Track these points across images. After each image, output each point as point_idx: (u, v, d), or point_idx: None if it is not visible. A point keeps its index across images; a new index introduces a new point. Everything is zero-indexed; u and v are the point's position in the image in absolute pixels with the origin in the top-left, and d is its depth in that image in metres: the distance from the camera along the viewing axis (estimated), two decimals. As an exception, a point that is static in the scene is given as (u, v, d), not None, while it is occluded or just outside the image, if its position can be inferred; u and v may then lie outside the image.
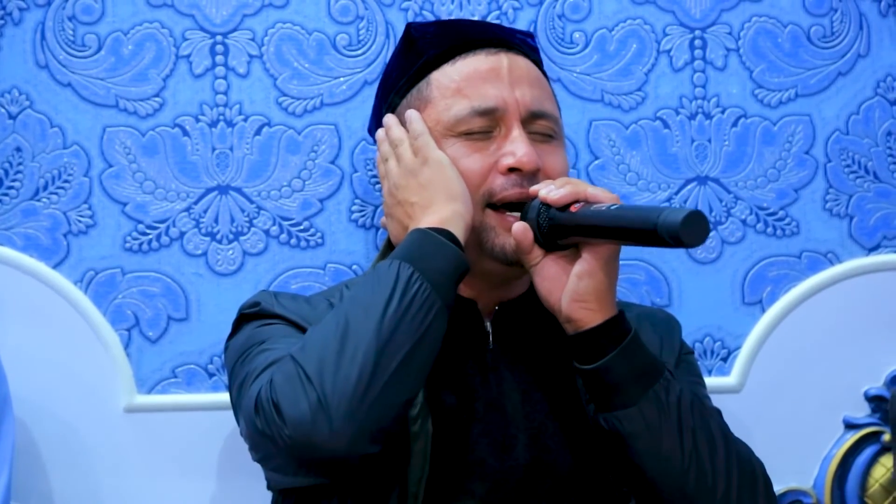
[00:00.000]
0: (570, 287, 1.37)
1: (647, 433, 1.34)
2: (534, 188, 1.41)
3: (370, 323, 1.28)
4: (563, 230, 1.36)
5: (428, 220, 1.39)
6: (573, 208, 1.36)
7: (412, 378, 1.30)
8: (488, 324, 1.48)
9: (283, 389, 1.27)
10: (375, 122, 1.59)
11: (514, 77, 1.48)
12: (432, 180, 1.43)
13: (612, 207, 1.32)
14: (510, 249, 1.43)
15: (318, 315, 1.44)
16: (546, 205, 1.38)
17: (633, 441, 1.34)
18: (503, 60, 1.49)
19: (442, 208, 1.40)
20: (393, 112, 1.54)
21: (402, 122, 1.50)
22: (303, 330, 1.43)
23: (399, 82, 1.54)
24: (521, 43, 1.55)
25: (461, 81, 1.47)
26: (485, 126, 1.46)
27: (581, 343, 1.37)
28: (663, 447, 1.34)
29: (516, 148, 1.44)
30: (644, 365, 1.36)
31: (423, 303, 1.30)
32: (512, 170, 1.43)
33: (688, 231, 1.21)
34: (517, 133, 1.45)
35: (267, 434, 1.28)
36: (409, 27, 1.55)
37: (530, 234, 1.39)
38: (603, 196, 1.36)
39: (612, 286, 1.38)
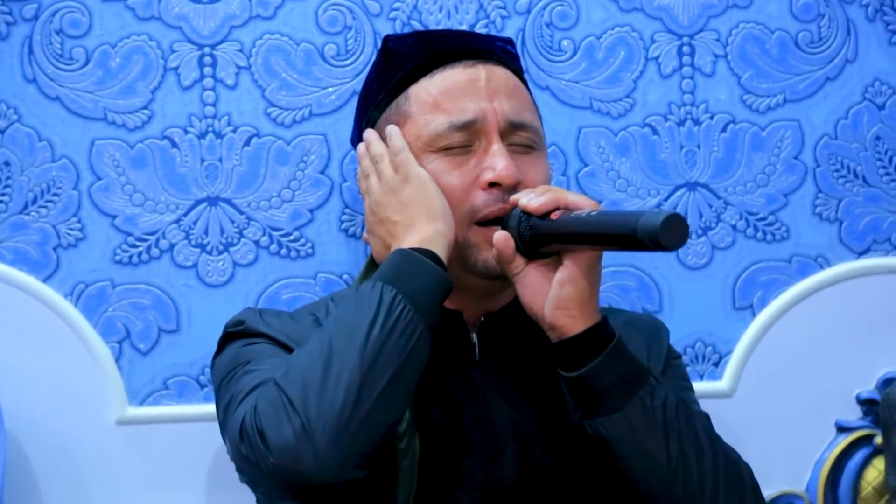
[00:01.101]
0: (553, 294, 1.36)
1: (632, 439, 1.33)
2: (514, 197, 1.40)
3: (354, 347, 1.27)
4: (544, 238, 1.36)
5: (410, 240, 1.38)
6: (553, 216, 1.35)
7: (397, 401, 1.29)
8: (474, 336, 1.48)
9: (267, 416, 1.26)
10: (357, 135, 1.59)
11: (492, 88, 1.47)
12: (413, 198, 1.42)
13: (592, 213, 1.32)
14: (492, 264, 1.43)
15: (303, 331, 1.44)
16: (526, 213, 1.37)
17: (619, 447, 1.34)
18: (481, 72, 1.48)
19: (424, 227, 1.39)
20: (373, 126, 1.53)
21: (383, 137, 1.50)
22: (287, 348, 1.42)
23: (378, 96, 1.53)
24: (500, 51, 1.54)
25: (439, 96, 1.47)
26: (464, 140, 1.45)
27: (565, 350, 1.36)
28: (649, 452, 1.34)
29: (496, 162, 1.43)
30: (628, 371, 1.35)
31: (407, 325, 1.29)
32: (493, 184, 1.43)
33: (667, 234, 1.21)
34: (496, 147, 1.44)
35: (252, 460, 1.28)
36: (387, 39, 1.55)
37: (511, 244, 1.38)
38: (583, 202, 1.35)
39: (595, 293, 1.38)
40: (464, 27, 1.79)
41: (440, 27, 1.78)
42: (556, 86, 1.81)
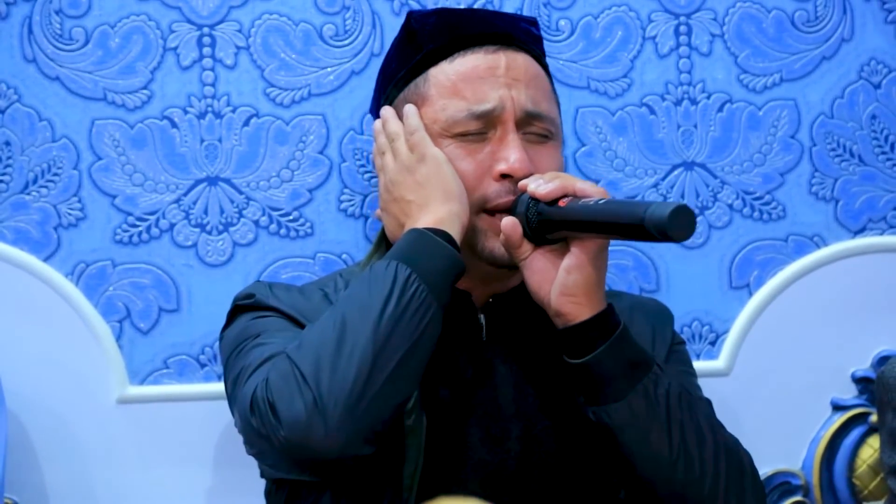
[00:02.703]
0: (559, 281, 1.37)
1: (635, 426, 1.34)
2: (522, 183, 1.41)
3: (367, 324, 1.28)
4: (552, 225, 1.37)
5: (425, 220, 1.39)
6: (561, 203, 1.36)
7: (408, 380, 1.30)
8: (482, 316, 1.48)
9: (278, 389, 1.27)
10: (375, 109, 1.59)
11: (511, 77, 1.47)
12: (429, 178, 1.42)
13: (601, 202, 1.32)
14: (500, 252, 1.43)
15: (313, 307, 1.44)
16: (535, 199, 1.38)
17: (622, 434, 1.35)
18: (501, 59, 1.48)
19: (439, 208, 1.40)
20: (390, 103, 1.53)
21: (400, 115, 1.50)
22: (297, 322, 1.43)
23: (398, 74, 1.53)
24: (523, 34, 1.53)
25: (458, 81, 1.47)
26: (480, 128, 1.46)
27: (570, 337, 1.37)
28: (652, 440, 1.35)
29: (510, 154, 1.43)
30: (633, 359, 1.36)
31: (420, 305, 1.30)
32: (504, 176, 1.44)
33: (675, 225, 1.22)
34: (511, 137, 1.45)
35: (262, 433, 1.28)
36: (410, 16, 1.54)
37: (519, 229, 1.39)
38: (591, 190, 1.36)
39: (601, 280, 1.38)
40: (461, 6, 1.79)
41: (438, 6, 1.77)
42: (554, 65, 1.81)
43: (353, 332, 1.28)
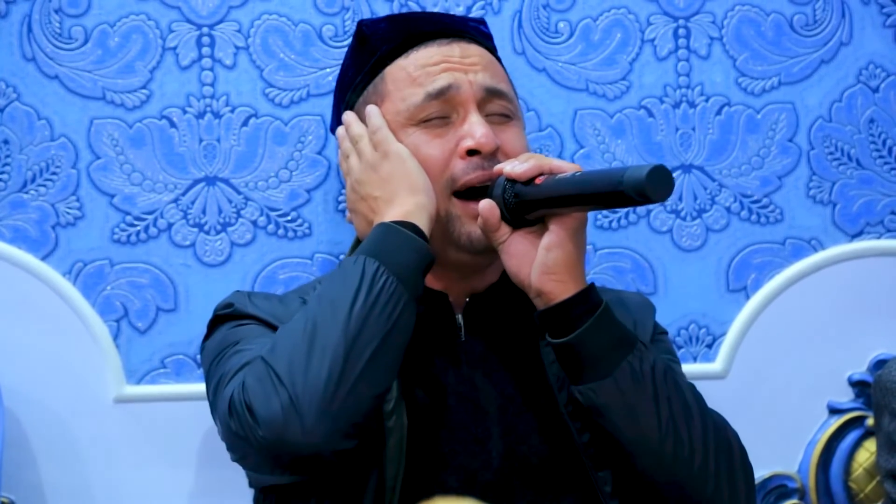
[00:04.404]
0: (539, 260, 1.37)
1: (623, 403, 1.34)
2: (498, 167, 1.42)
3: (338, 320, 1.29)
4: (530, 204, 1.37)
5: (392, 214, 1.40)
6: (538, 181, 1.36)
7: (383, 372, 1.31)
8: (459, 317, 1.48)
9: (254, 391, 1.28)
10: (335, 121, 1.60)
11: (467, 63, 1.49)
12: (393, 173, 1.43)
13: (577, 174, 1.33)
14: (477, 237, 1.44)
15: (291, 313, 1.44)
16: (511, 181, 1.38)
17: (610, 412, 1.34)
18: (455, 49, 1.50)
19: (405, 201, 1.41)
20: (351, 109, 1.54)
21: (362, 119, 1.51)
22: (276, 329, 1.43)
23: (355, 80, 1.55)
24: (473, 31, 1.56)
25: (414, 72, 1.48)
26: (442, 111, 1.46)
27: (553, 316, 1.37)
28: (640, 416, 1.34)
29: (474, 130, 1.44)
30: (617, 336, 1.36)
31: (391, 297, 1.31)
32: (471, 153, 1.44)
33: (653, 185, 1.22)
34: (474, 116, 1.46)
35: (241, 435, 1.29)
36: (361, 25, 1.56)
37: (497, 212, 1.39)
38: (566, 166, 1.37)
39: (581, 257, 1.39)
40: (461, 9, 1.79)
41: (437, 9, 1.78)
42: (553, 68, 1.82)
43: (324, 329, 1.29)
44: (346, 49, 1.76)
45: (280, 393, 1.26)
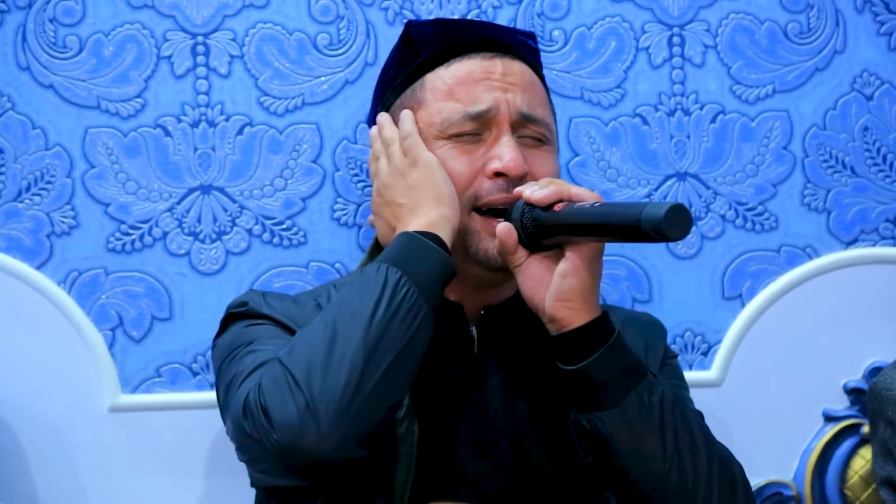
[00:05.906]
0: (554, 286, 1.37)
1: (629, 434, 1.34)
2: (517, 189, 1.41)
3: (358, 328, 1.28)
4: (547, 230, 1.37)
5: (416, 223, 1.39)
6: (557, 207, 1.36)
7: (399, 383, 1.30)
8: (473, 329, 1.48)
9: (271, 393, 1.27)
10: (373, 118, 1.59)
11: (508, 81, 1.48)
12: (421, 182, 1.43)
13: (596, 205, 1.33)
14: (493, 254, 1.43)
15: (306, 315, 1.44)
16: (530, 205, 1.38)
17: (616, 442, 1.34)
18: (497, 65, 1.49)
19: (430, 211, 1.40)
20: (387, 110, 1.54)
21: (396, 122, 1.50)
22: (290, 330, 1.43)
23: (395, 81, 1.54)
24: (519, 45, 1.54)
25: (454, 85, 1.48)
26: (475, 129, 1.46)
27: (565, 343, 1.37)
28: (646, 448, 1.34)
29: (503, 153, 1.44)
30: (628, 366, 1.36)
31: (411, 308, 1.30)
32: (498, 174, 1.44)
33: (670, 224, 1.22)
34: (506, 138, 1.45)
35: (255, 437, 1.28)
36: (408, 26, 1.55)
37: (514, 235, 1.39)
38: (586, 195, 1.36)
39: (596, 286, 1.38)
40: (455, 17, 1.79)
41: (432, 17, 1.78)
42: (547, 76, 1.80)
43: (343, 335, 1.28)
44: (343, 56, 1.77)
45: (297, 397, 1.26)
